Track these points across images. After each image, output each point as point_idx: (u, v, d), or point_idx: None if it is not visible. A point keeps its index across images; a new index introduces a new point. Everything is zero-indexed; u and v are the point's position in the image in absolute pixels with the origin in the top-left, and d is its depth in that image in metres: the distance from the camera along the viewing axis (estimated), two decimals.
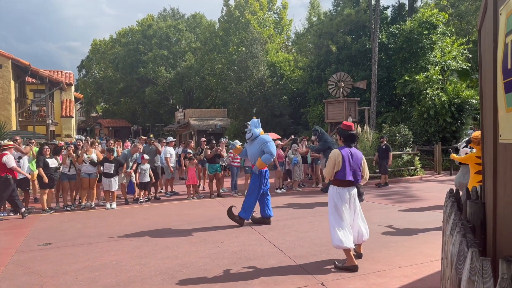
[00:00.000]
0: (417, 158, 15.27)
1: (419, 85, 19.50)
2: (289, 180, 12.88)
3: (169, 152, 11.85)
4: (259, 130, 7.75)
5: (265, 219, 7.65)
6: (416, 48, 21.43)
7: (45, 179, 9.14)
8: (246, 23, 35.03)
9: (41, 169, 9.17)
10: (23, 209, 8.91)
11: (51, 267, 5.30)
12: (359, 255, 5.34)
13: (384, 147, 12.67)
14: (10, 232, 7.50)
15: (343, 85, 14.76)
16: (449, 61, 21.37)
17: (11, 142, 9.49)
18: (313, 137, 12.22)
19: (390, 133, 15.76)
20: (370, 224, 7.41)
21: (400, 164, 14.75)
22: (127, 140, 18.25)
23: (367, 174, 5.30)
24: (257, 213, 7.81)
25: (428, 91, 19.22)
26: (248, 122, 7.93)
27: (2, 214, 9.15)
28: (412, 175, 14.71)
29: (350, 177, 5.01)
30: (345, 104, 14.19)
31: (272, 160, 7.70)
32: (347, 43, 24.10)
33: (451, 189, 3.50)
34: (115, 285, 4.60)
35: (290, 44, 41.20)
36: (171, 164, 11.88)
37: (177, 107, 39.31)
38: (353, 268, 4.87)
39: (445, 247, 2.58)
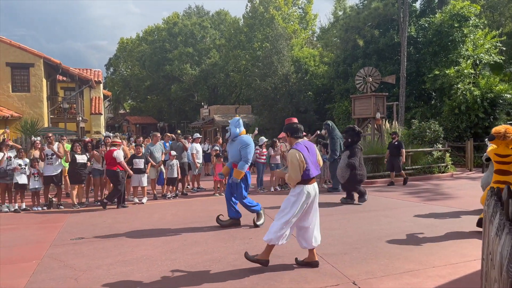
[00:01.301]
0: (447, 154, 14.87)
1: (450, 80, 18.94)
2: None
3: (196, 149, 11.94)
4: (240, 130, 7.18)
5: (236, 220, 7.35)
6: (447, 42, 20.80)
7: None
8: (271, 19, 34.87)
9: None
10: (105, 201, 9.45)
11: (84, 261, 5.42)
12: (315, 264, 4.92)
13: (396, 143, 12.24)
14: (44, 226, 7.73)
15: (371, 80, 14.47)
16: (481, 54, 20.65)
17: (119, 140, 10.09)
18: (322, 131, 11.90)
19: (420, 129, 15.41)
20: (400, 222, 7.28)
21: (430, 161, 14.39)
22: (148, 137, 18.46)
23: (319, 160, 5.14)
24: (224, 216, 7.45)
25: (459, 85, 18.65)
26: (232, 120, 7.46)
27: (36, 209, 9.45)
28: (443, 172, 14.34)
29: (314, 172, 4.82)
30: (373, 100, 13.91)
31: (248, 166, 7.12)
32: (374, 37, 23.64)
33: (492, 187, 3.36)
34: (146, 279, 4.66)
35: (315, 39, 40.78)
36: (198, 161, 11.98)
37: (202, 104, 39.67)
38: (265, 263, 4.84)
39: (489, 248, 2.47)
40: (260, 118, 28.73)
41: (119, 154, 9.31)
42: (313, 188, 4.84)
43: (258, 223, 7.22)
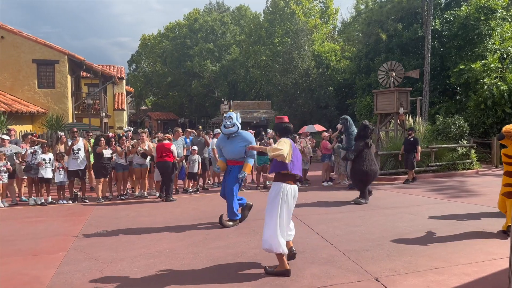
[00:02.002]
0: (473, 151, 14.50)
1: (476, 74, 18.43)
2: (334, 173, 12.64)
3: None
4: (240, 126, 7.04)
5: (245, 207, 7.36)
6: (473, 35, 20.24)
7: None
8: (291, 14, 34.66)
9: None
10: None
11: (109, 253, 5.53)
12: (292, 255, 4.87)
13: (412, 139, 11.89)
14: (70, 219, 7.92)
15: (394, 74, 14.21)
16: (508, 48, 19.99)
17: (169, 135, 10.43)
18: (339, 125, 11.57)
19: (444, 124, 15.07)
20: (424, 219, 7.16)
21: (455, 157, 14.07)
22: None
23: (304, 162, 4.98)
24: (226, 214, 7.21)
25: (485, 80, 18.12)
26: (229, 114, 7.12)
27: (62, 202, 9.69)
28: (468, 169, 14.00)
29: (298, 171, 4.64)
30: (396, 95, 13.66)
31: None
32: (397, 31, 23.20)
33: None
34: (170, 272, 4.73)
35: (336, 33, 40.35)
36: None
37: (222, 99, 39.78)
38: (286, 273, 4.48)
39: None
40: (280, 113, 28.66)
41: (174, 147, 9.84)
42: (292, 189, 4.59)
43: (226, 222, 6.86)
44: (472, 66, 18.56)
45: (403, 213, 7.73)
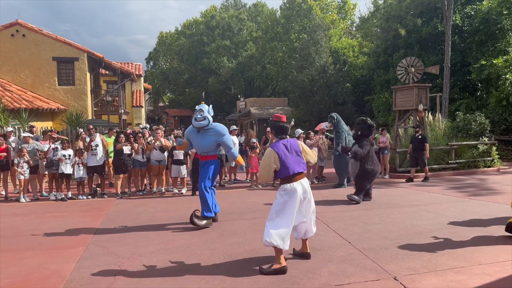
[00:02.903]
0: (494, 148, 14.18)
1: (498, 70, 17.99)
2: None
3: (232, 141, 12.00)
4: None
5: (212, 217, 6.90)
6: (495, 30, 19.76)
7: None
8: (308, 9, 34.37)
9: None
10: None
11: (127, 248, 5.60)
12: (306, 255, 4.95)
13: (419, 137, 11.61)
14: (89, 214, 8.06)
15: (413, 70, 13.96)
16: None
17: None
18: (328, 124, 11.36)
19: (465, 121, 14.78)
20: (444, 217, 7.03)
21: (476, 154, 13.78)
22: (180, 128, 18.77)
23: (311, 157, 4.95)
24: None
25: (507, 76, 17.67)
26: (201, 107, 6.78)
27: (81, 197, 9.87)
28: (489, 167, 13.69)
29: (296, 169, 4.62)
30: (415, 91, 13.43)
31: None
32: (417, 26, 22.79)
33: None
34: (188, 267, 4.76)
35: (354, 29, 39.88)
36: None
37: (238, 96, 39.81)
38: (282, 271, 4.45)
39: None
40: (296, 110, 28.54)
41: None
42: (300, 184, 4.62)
43: (196, 222, 6.47)
44: (494, 61, 18.14)
45: (422, 211, 7.62)
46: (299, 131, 12.08)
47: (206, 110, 6.76)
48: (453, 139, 14.13)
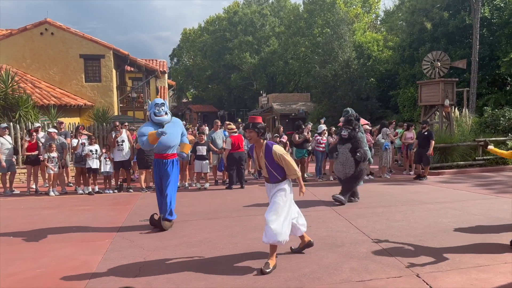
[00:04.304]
0: None
1: None
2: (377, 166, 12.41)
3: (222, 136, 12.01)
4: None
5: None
6: None
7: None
8: (332, 3, 33.99)
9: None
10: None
11: (152, 241, 5.75)
12: (310, 244, 5.13)
13: (425, 133, 11.13)
14: (115, 208, 8.28)
15: (439, 65, 13.64)
16: None
17: (233, 126, 11.08)
18: (342, 119, 10.70)
19: (493, 116, 14.38)
20: (469, 215, 6.90)
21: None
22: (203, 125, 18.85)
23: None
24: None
25: None
26: (161, 101, 6.41)
27: (108, 191, 10.13)
28: None
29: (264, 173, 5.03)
30: (442, 86, 13.14)
31: None
32: (443, 20, 22.22)
33: None
34: (210, 261, 4.85)
35: (378, 23, 39.20)
36: None
37: (261, 92, 39.82)
38: (275, 266, 4.56)
39: None
40: (319, 106, 28.31)
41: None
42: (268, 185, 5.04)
43: (164, 223, 6.30)
44: None
45: (447, 208, 7.49)
46: (322, 127, 12.01)
47: (167, 106, 6.56)
48: (481, 135, 13.78)
